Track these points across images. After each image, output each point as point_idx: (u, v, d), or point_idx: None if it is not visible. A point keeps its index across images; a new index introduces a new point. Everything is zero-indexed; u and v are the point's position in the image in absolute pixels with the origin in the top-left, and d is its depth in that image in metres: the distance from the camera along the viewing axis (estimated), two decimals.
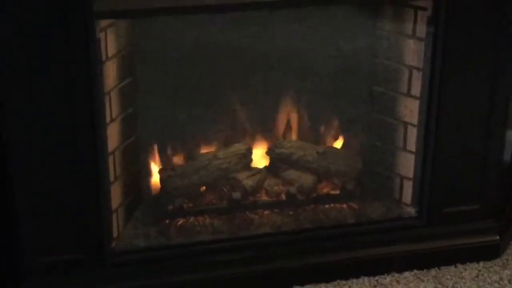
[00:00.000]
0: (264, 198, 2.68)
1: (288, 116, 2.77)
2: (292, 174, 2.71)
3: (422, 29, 2.43)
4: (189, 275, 2.41)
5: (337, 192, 2.73)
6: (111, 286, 2.35)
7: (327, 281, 2.48)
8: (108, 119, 2.29)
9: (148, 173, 2.66)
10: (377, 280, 2.49)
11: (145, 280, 2.39)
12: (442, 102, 2.45)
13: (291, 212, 2.65)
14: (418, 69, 2.48)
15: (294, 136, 2.78)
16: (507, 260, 2.60)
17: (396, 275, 2.53)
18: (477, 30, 2.37)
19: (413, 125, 2.55)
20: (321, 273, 2.51)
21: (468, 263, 2.59)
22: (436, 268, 2.56)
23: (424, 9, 2.38)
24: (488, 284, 2.48)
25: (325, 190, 2.74)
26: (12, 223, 2.26)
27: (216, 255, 2.47)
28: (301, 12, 2.53)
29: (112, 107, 2.35)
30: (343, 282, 2.48)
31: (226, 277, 2.44)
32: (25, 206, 2.24)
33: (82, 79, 2.14)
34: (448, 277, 2.52)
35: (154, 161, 2.67)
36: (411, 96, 2.53)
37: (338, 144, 2.80)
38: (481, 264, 2.59)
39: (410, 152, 2.59)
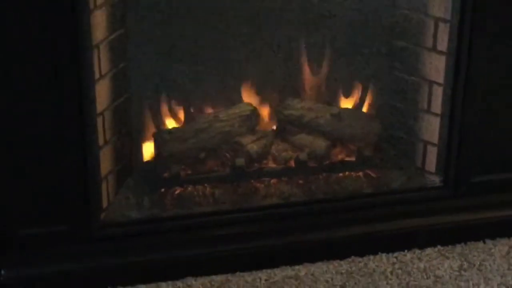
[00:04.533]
0: (271, 165, 2.67)
1: (299, 73, 2.74)
2: (302, 138, 2.71)
3: None
4: (186, 250, 2.43)
5: (353, 159, 2.72)
6: (99, 262, 2.36)
7: (341, 257, 2.47)
8: (96, 75, 2.27)
9: (142, 137, 2.66)
10: (396, 257, 2.48)
11: (137, 256, 2.39)
12: (473, 58, 2.41)
13: (301, 181, 2.64)
14: (445, 20, 2.43)
15: (305, 95, 2.77)
16: None
17: (418, 251, 2.52)
18: None
19: (439, 84, 2.52)
20: (334, 249, 2.51)
21: (498, 238, 2.58)
22: (462, 244, 2.55)
23: None
24: None
25: (339, 157, 2.73)
26: None
27: (217, 228, 2.48)
28: None
29: (101, 62, 2.32)
30: (359, 259, 2.47)
31: (228, 253, 2.44)
32: (3, 173, 2.23)
33: (67, 30, 2.11)
34: (476, 254, 2.52)
35: (148, 123, 2.65)
36: (437, 51, 2.50)
37: (354, 105, 2.79)
38: None
39: (435, 114, 2.57)
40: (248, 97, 2.71)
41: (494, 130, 2.54)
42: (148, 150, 2.66)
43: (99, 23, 2.27)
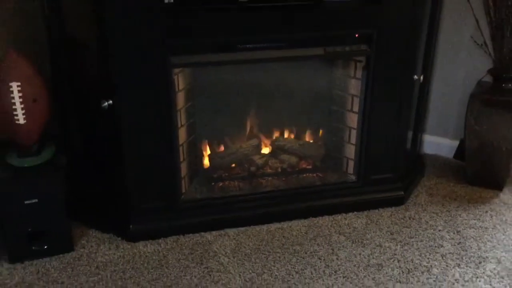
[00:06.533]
0: (269, 170, 2.84)
1: (283, 124, 2.94)
2: (285, 156, 2.90)
3: (359, 73, 2.60)
4: (225, 214, 2.62)
5: (310, 167, 2.89)
6: (179, 221, 2.55)
7: (305, 218, 2.70)
8: (179, 125, 2.49)
9: (202, 156, 2.81)
10: (333, 218, 2.71)
11: (200, 218, 2.58)
12: (371, 116, 2.63)
13: (284, 179, 2.80)
14: (357, 96, 2.66)
15: (286, 135, 2.96)
16: (408, 206, 2.82)
17: (344, 214, 2.74)
18: (392, 73, 2.55)
19: (354, 129, 2.73)
20: (302, 213, 2.69)
21: (386, 207, 2.80)
22: (367, 211, 2.78)
23: (361, 61, 2.58)
24: (397, 219, 2.67)
25: (303, 166, 2.89)
26: (125, 183, 2.43)
27: (241, 203, 2.65)
28: (292, 64, 2.66)
29: (181, 119, 2.53)
30: (314, 218, 2.71)
31: (247, 216, 2.63)
32: (133, 174, 2.42)
33: (165, 102, 2.36)
34: (374, 216, 2.74)
35: (206, 150, 2.82)
36: (353, 112, 2.70)
37: (311, 139, 2.95)
38: (393, 208, 2.79)
39: (353, 144, 2.78)
40: (257, 136, 2.89)
41: (383, 151, 2.69)
42: (205, 163, 2.82)
43: (180, 99, 2.49)
